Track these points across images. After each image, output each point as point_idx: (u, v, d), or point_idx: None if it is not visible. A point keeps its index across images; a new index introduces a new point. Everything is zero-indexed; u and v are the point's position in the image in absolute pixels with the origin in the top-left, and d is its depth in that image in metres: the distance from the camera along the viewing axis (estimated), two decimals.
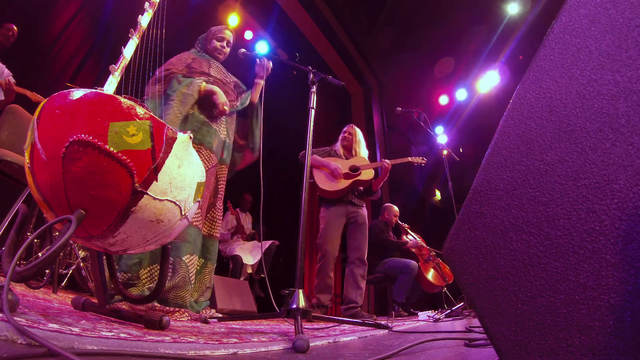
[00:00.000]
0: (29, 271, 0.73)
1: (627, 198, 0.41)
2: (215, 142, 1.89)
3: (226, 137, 1.99)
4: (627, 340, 0.37)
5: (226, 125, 2.01)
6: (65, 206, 0.81)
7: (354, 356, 0.85)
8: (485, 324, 0.48)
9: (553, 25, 0.54)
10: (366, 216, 2.99)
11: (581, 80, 0.49)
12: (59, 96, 0.83)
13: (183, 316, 1.57)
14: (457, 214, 0.59)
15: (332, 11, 5.68)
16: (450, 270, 0.58)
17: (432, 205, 7.93)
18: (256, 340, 0.98)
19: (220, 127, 1.96)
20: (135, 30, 1.32)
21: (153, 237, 0.93)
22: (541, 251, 0.45)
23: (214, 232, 1.91)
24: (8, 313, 0.56)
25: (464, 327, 1.52)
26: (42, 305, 1.10)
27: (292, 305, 1.20)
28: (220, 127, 1.95)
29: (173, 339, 0.82)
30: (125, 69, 1.25)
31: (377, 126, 6.51)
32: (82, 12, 3.59)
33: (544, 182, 0.48)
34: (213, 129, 1.90)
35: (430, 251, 4.10)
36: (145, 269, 1.61)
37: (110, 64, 1.21)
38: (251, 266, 3.76)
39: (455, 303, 3.37)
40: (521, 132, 0.52)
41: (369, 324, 1.62)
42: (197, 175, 0.98)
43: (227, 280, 2.80)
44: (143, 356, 0.60)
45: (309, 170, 1.49)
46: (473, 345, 0.99)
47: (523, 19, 5.66)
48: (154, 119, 0.87)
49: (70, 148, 0.78)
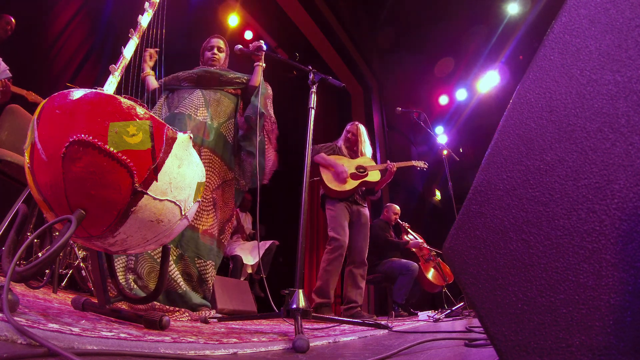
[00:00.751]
0: (29, 271, 0.73)
1: (627, 198, 0.41)
2: (190, 126, 1.87)
3: (206, 118, 1.95)
4: (627, 340, 0.37)
5: (206, 106, 1.99)
6: (65, 206, 0.81)
7: (354, 356, 0.85)
8: (485, 324, 0.48)
9: (553, 25, 0.54)
10: (368, 216, 2.98)
11: (581, 80, 0.49)
12: (59, 96, 0.83)
13: (183, 316, 1.57)
14: (457, 214, 0.59)
15: (332, 11, 5.68)
16: (451, 270, 0.58)
17: (432, 205, 7.93)
18: (256, 340, 0.98)
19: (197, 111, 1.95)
20: (135, 30, 1.32)
21: (153, 237, 0.93)
22: (541, 251, 0.45)
23: (195, 223, 1.79)
24: (8, 313, 0.56)
25: (464, 327, 1.52)
26: (42, 305, 1.10)
27: (292, 305, 1.20)
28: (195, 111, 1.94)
29: (173, 339, 0.82)
30: (125, 69, 1.25)
31: (377, 126, 6.52)
32: (82, 12, 3.59)
33: (544, 182, 0.48)
34: (184, 114, 1.91)
35: (431, 251, 4.10)
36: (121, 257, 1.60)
37: (110, 64, 1.21)
38: (251, 266, 3.76)
39: (455, 303, 3.38)
40: (521, 132, 0.52)
41: (369, 324, 1.62)
42: (197, 175, 0.98)
43: (227, 280, 2.80)
44: (143, 356, 0.60)
45: (309, 170, 1.49)
46: (473, 345, 0.99)
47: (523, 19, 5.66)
48: (154, 119, 0.87)
49: (70, 148, 0.78)
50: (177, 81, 2.08)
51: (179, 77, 2.08)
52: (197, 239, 1.79)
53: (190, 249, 1.76)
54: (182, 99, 2.00)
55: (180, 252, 1.75)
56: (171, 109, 1.99)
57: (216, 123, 1.99)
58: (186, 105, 1.96)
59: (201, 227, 1.82)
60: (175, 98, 2.04)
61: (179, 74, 2.09)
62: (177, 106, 1.97)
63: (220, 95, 2.08)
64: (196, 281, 1.78)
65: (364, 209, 2.98)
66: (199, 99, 2.00)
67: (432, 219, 7.55)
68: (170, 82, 2.08)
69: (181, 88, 2.07)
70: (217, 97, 2.06)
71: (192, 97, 2.00)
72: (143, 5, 1.40)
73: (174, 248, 1.73)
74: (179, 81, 2.07)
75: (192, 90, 2.04)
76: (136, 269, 1.62)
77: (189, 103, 1.97)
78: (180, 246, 1.75)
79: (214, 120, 1.98)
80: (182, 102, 1.99)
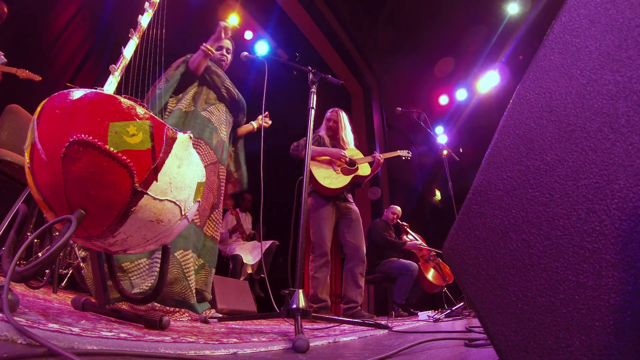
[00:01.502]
0: (29, 271, 0.73)
1: (627, 198, 0.41)
2: (215, 140, 1.89)
3: (225, 138, 2.00)
4: (627, 340, 0.37)
5: (226, 127, 2.03)
6: (65, 206, 0.81)
7: (354, 356, 0.85)
8: (485, 324, 0.48)
9: (553, 25, 0.54)
10: (358, 212, 2.88)
11: (581, 80, 0.49)
12: (59, 96, 0.83)
13: (183, 316, 1.57)
14: (457, 214, 0.59)
15: (332, 11, 5.68)
16: (450, 270, 0.58)
17: (432, 205, 7.93)
18: (256, 340, 0.98)
19: (221, 127, 1.97)
20: (135, 30, 1.32)
21: (153, 237, 0.93)
22: (541, 251, 0.45)
23: (215, 234, 1.90)
24: (8, 313, 0.56)
25: (464, 327, 1.52)
26: (42, 305, 1.10)
27: (292, 305, 1.20)
28: (220, 127, 1.96)
29: (173, 339, 0.82)
30: (125, 69, 1.25)
31: (377, 126, 6.52)
32: (82, 12, 3.59)
33: (544, 182, 0.48)
34: (213, 125, 1.91)
35: (431, 251, 4.10)
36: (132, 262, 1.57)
37: (110, 64, 1.21)
38: (251, 266, 3.76)
39: (455, 303, 3.38)
40: (521, 132, 0.52)
41: (369, 324, 1.62)
42: (197, 175, 0.98)
43: (227, 280, 2.80)
44: (143, 356, 0.60)
45: (309, 171, 1.49)
46: (473, 345, 0.99)
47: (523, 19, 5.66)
48: (154, 119, 0.87)
49: (70, 148, 0.78)
50: (220, 81, 2.02)
51: (221, 83, 2.02)
52: (215, 250, 1.90)
53: (211, 260, 1.85)
54: (210, 104, 1.97)
55: (203, 262, 1.79)
56: (197, 105, 1.92)
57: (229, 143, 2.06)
58: (214, 115, 1.95)
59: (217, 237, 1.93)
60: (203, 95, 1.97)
61: (222, 76, 2.05)
62: (204, 108, 1.93)
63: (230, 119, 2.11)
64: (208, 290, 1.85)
65: (352, 204, 2.88)
66: (223, 115, 2.01)
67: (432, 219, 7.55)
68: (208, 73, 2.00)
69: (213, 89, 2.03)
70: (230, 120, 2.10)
71: (220, 108, 2.00)
72: (143, 5, 1.40)
73: (196, 257, 1.74)
74: (220, 85, 2.02)
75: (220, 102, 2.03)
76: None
77: (217, 115, 1.97)
78: (202, 256, 1.79)
79: (226, 139, 2.03)
80: (209, 107, 1.95)
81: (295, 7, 5.12)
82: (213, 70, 2.03)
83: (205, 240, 1.82)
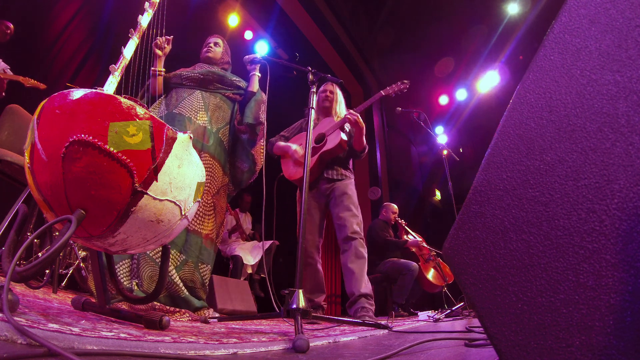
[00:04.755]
0: (29, 271, 0.73)
1: (627, 198, 0.41)
2: (190, 129, 1.85)
3: (206, 123, 1.94)
4: (627, 340, 0.37)
5: (206, 110, 1.97)
6: (65, 206, 0.81)
7: (354, 356, 0.85)
8: (485, 324, 0.48)
9: (553, 25, 0.54)
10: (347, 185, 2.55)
11: (581, 80, 0.49)
12: (59, 96, 0.83)
13: (183, 316, 1.57)
14: (457, 214, 0.59)
15: (332, 11, 5.68)
16: (450, 270, 0.58)
17: (432, 205, 7.93)
18: (256, 340, 0.98)
19: (197, 114, 1.93)
20: (135, 30, 1.32)
21: (153, 237, 0.93)
22: (541, 251, 0.45)
23: (200, 228, 1.79)
24: (8, 313, 0.56)
25: (464, 327, 1.52)
26: (42, 305, 1.10)
27: (292, 305, 1.20)
28: (196, 114, 1.93)
29: (173, 339, 0.82)
30: (125, 69, 1.25)
31: (377, 126, 6.52)
32: (82, 12, 3.60)
33: (544, 182, 0.48)
34: (184, 117, 1.89)
35: (431, 251, 4.10)
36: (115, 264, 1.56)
37: (110, 64, 1.21)
38: (251, 266, 3.76)
39: (455, 303, 3.38)
40: (521, 132, 0.52)
41: (369, 324, 1.62)
42: (197, 175, 0.98)
43: (227, 280, 2.80)
44: (143, 356, 0.60)
45: (309, 170, 1.49)
46: (473, 345, 0.99)
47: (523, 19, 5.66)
48: (154, 119, 0.87)
49: (70, 148, 0.78)
50: (180, 79, 2.05)
51: (182, 76, 2.05)
52: (200, 244, 1.79)
53: (195, 255, 1.76)
54: (182, 98, 1.98)
55: (184, 258, 1.72)
56: (169, 107, 1.96)
57: (215, 128, 1.98)
58: (186, 106, 1.95)
59: (203, 232, 1.82)
60: (173, 96, 2.01)
61: (182, 72, 2.07)
62: (175, 105, 1.95)
63: (219, 100, 2.07)
64: (199, 287, 1.77)
65: (340, 182, 2.54)
66: (198, 102, 1.98)
67: (432, 219, 7.56)
68: (173, 80, 2.06)
69: (181, 87, 2.05)
70: (217, 102, 2.05)
71: (191, 98, 1.98)
72: (143, 5, 1.40)
73: (177, 253, 1.69)
74: (181, 79, 2.05)
75: (192, 90, 2.02)
76: (139, 272, 1.61)
77: (189, 105, 1.95)
78: (184, 251, 1.72)
79: (212, 125, 1.97)
80: (181, 102, 1.96)
81: (295, 7, 5.12)
82: (175, 74, 2.07)
83: (188, 235, 1.74)
